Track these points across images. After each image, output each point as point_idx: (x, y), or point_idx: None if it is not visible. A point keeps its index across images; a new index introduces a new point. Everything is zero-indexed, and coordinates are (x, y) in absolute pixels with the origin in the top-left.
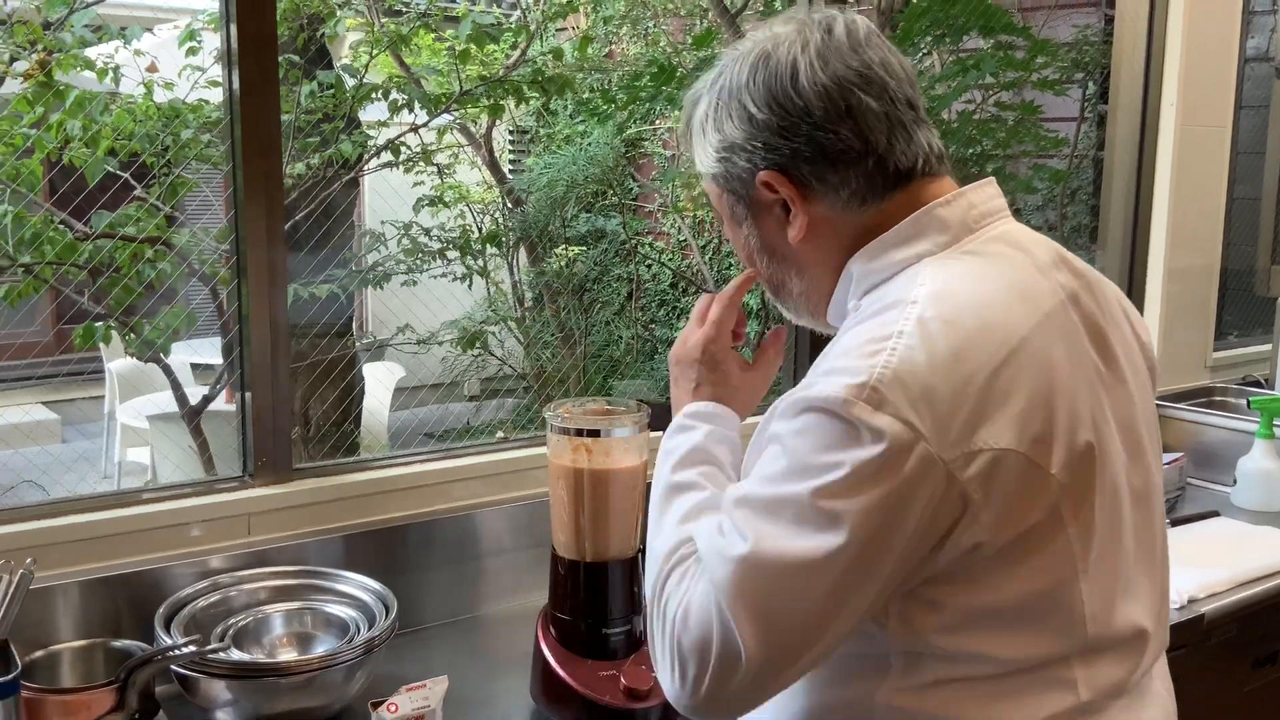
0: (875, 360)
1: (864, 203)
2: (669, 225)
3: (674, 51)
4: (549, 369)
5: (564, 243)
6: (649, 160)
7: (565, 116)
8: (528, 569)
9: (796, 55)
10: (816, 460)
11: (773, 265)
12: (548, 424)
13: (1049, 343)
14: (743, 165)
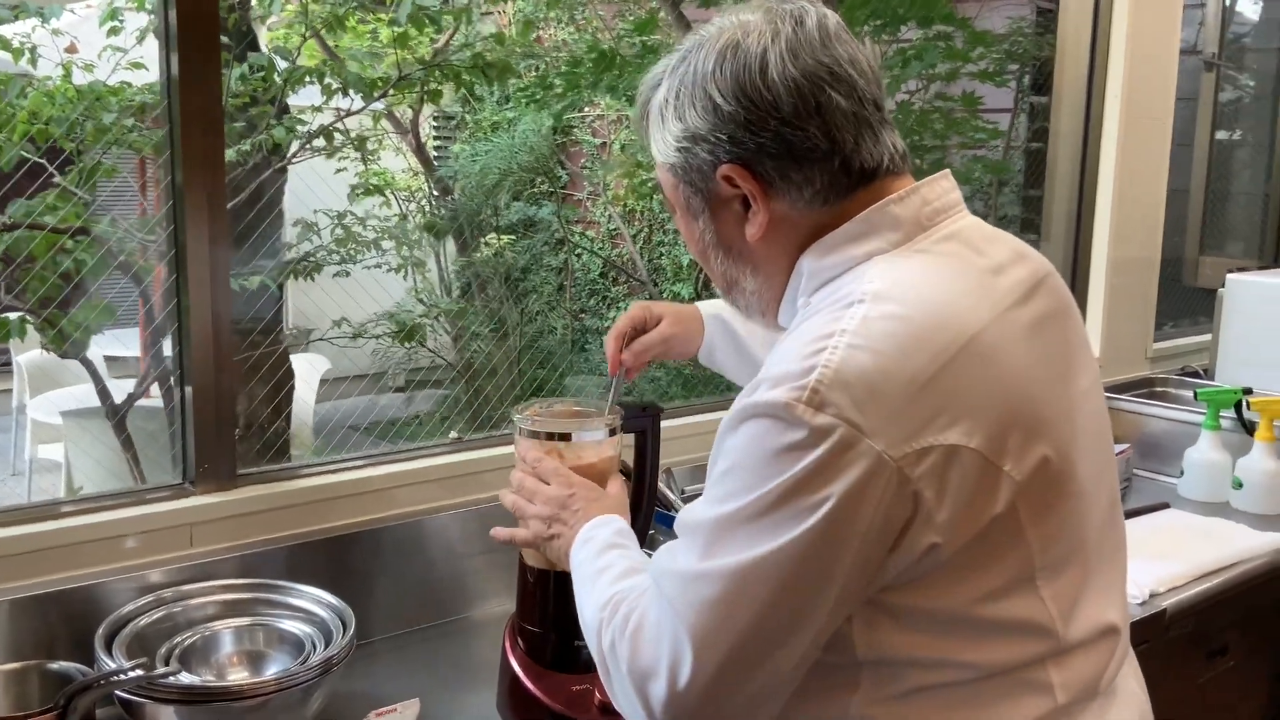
0: (817, 360)
1: (825, 202)
2: (599, 214)
3: (615, 38)
4: (479, 360)
5: (494, 232)
6: (579, 148)
7: (492, 103)
8: (484, 576)
9: (767, 46)
10: (762, 468)
11: (727, 262)
12: (515, 426)
13: (1000, 343)
14: (704, 157)
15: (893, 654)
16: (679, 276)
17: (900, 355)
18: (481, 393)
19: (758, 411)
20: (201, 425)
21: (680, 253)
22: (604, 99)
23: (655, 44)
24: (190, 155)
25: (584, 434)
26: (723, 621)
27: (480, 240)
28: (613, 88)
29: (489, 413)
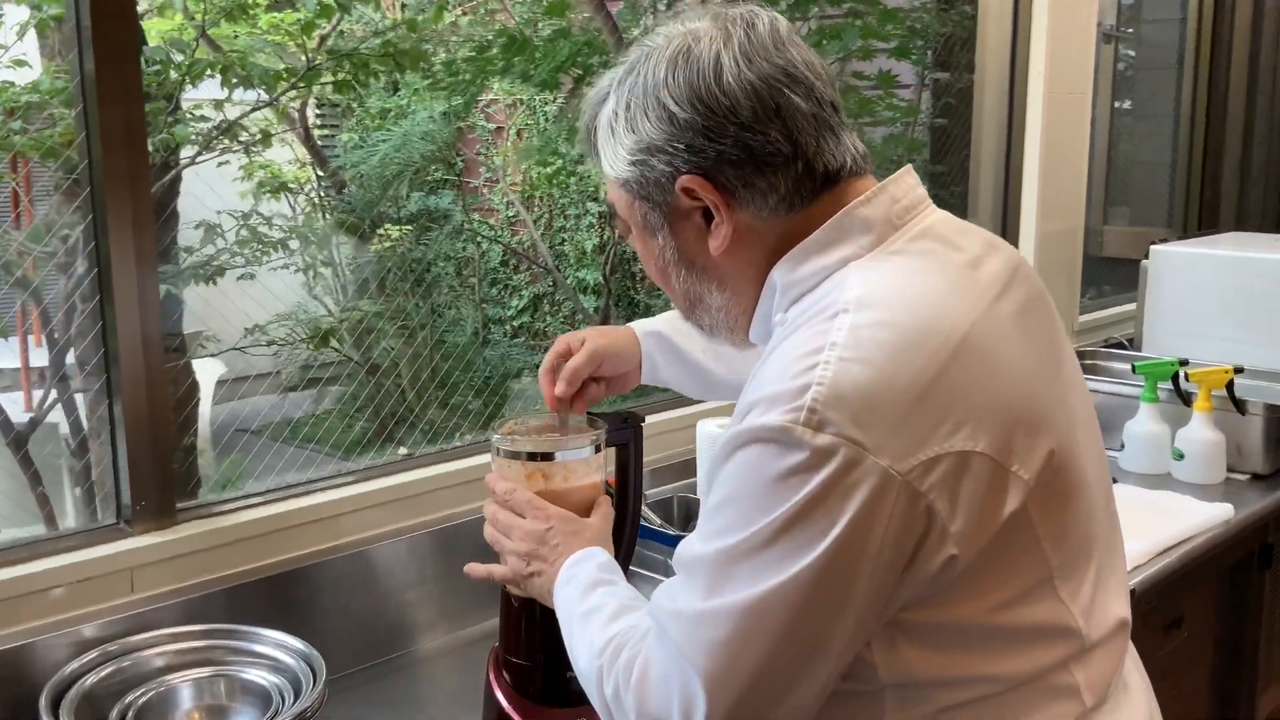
0: (809, 377)
1: (790, 209)
2: (498, 200)
3: (523, 21)
4: (385, 357)
5: (394, 223)
6: (474, 135)
7: (379, 89)
8: (446, 601)
9: (720, 50)
10: (763, 497)
11: (690, 279)
12: (493, 447)
13: (991, 339)
14: (661, 169)
15: (916, 675)
16: (583, 262)
17: (895, 364)
18: (384, 388)
19: (753, 437)
20: (136, 458)
21: (583, 237)
22: (514, 85)
23: (564, 29)
24: (113, 158)
25: (568, 453)
26: (735, 662)
27: (376, 233)
28: (525, 74)
29: (393, 408)
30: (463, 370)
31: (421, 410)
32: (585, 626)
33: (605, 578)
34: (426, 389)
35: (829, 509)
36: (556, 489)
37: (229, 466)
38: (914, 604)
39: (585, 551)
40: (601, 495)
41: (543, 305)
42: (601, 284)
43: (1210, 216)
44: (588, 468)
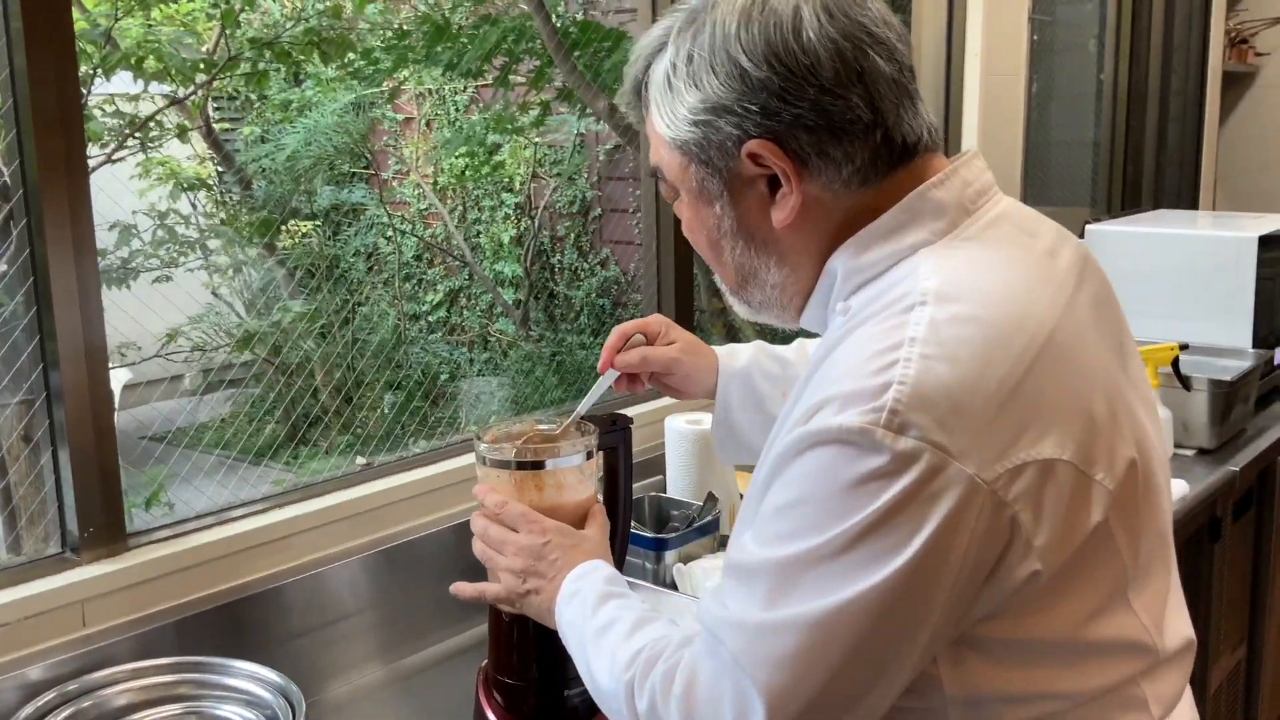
0: (889, 375)
1: (865, 182)
2: (410, 193)
3: (450, 7)
4: (298, 357)
5: (304, 219)
6: (382, 126)
7: (279, 80)
8: (411, 618)
9: (799, 3)
10: (837, 502)
11: (746, 252)
12: (479, 457)
13: (1074, 336)
14: (727, 131)
15: (984, 691)
16: (500, 255)
17: (981, 363)
18: (295, 388)
19: (827, 438)
20: (84, 481)
21: (499, 229)
22: (434, 73)
23: (488, 16)
24: (45, 150)
25: (560, 461)
26: (800, 677)
27: (285, 230)
28: (450, 63)
29: (305, 409)
30: (380, 369)
31: (335, 411)
32: (601, 642)
33: (614, 590)
34: (341, 388)
35: (910, 518)
36: (550, 500)
37: (148, 479)
38: (988, 618)
39: (586, 565)
40: (596, 504)
41: (460, 299)
42: (521, 276)
43: (1133, 195)
44: (580, 475)
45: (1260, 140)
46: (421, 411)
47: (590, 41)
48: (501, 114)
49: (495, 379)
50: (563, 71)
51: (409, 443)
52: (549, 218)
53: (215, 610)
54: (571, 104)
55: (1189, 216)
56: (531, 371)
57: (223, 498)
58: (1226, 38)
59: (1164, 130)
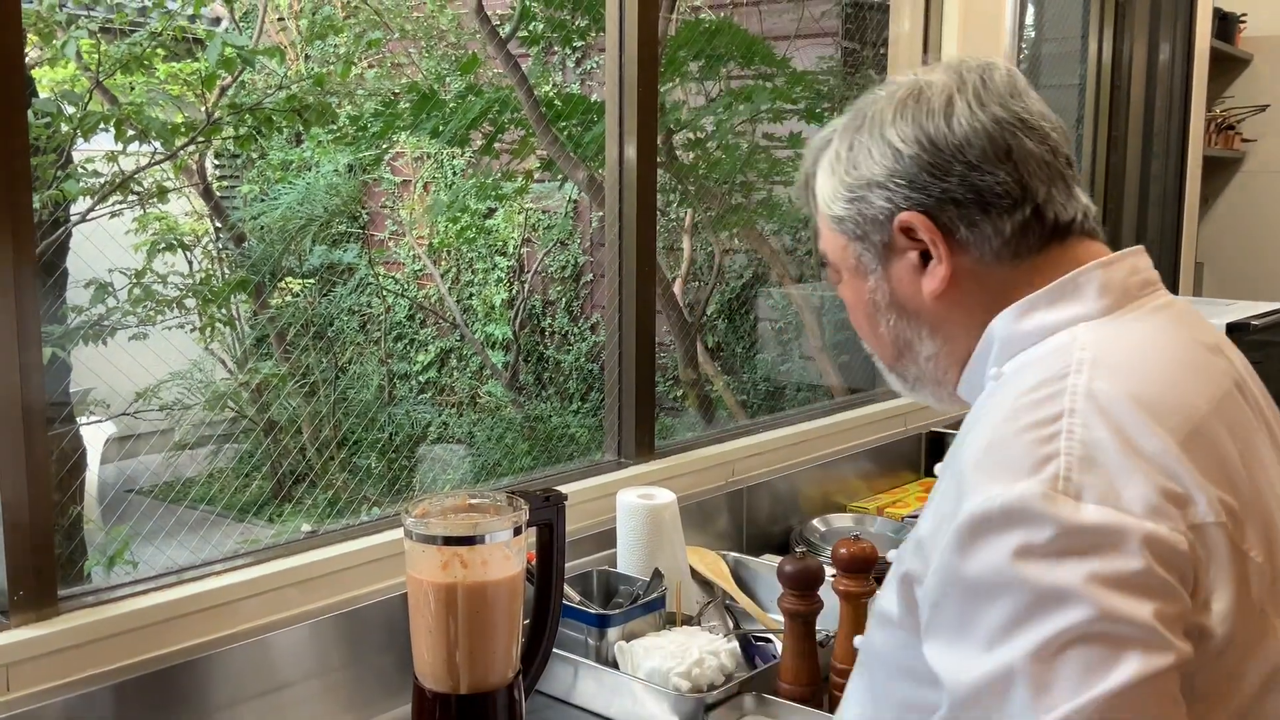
0: (1053, 446)
1: (1015, 255)
2: (404, 254)
3: (435, 77)
4: (285, 415)
5: (296, 278)
6: (380, 188)
7: (281, 140)
8: (354, 689)
9: (952, 94)
10: (1045, 584)
11: (900, 323)
12: (405, 531)
13: (1226, 426)
14: (879, 205)
15: None
16: (491, 317)
17: (1140, 432)
18: (282, 446)
19: (1008, 514)
20: (15, 542)
21: (491, 292)
22: (421, 139)
23: (472, 86)
24: None
25: (489, 536)
26: None
27: (276, 287)
28: (435, 130)
29: (294, 468)
30: (367, 427)
31: (322, 469)
32: None
33: None
34: (328, 448)
35: (1124, 585)
36: (475, 577)
37: (114, 535)
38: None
39: None
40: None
41: (450, 360)
42: (510, 339)
43: None
44: (508, 551)
45: (1246, 225)
46: (406, 471)
47: (574, 114)
48: (485, 181)
49: (458, 446)
50: (544, 142)
51: (389, 503)
52: (540, 282)
53: (152, 676)
54: (553, 174)
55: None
56: (502, 438)
57: (201, 554)
58: (1213, 124)
59: (1144, 214)
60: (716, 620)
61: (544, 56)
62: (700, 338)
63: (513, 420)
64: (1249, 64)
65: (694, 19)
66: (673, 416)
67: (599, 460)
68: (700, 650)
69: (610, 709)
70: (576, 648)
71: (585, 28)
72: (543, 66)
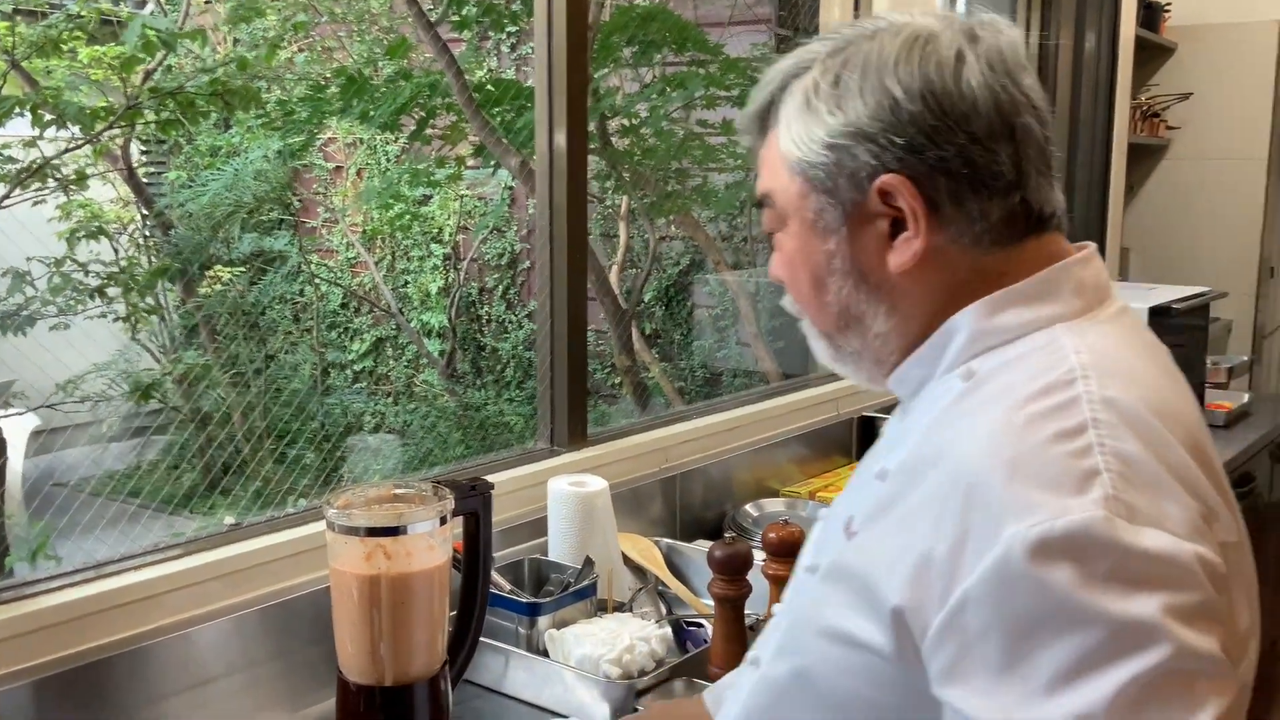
0: (1090, 461)
1: (995, 243)
2: (337, 241)
3: (365, 61)
4: (214, 405)
5: (223, 265)
6: (311, 174)
7: (209, 126)
8: (281, 682)
9: (963, 47)
10: (1123, 619)
11: (855, 294)
12: (327, 522)
13: (1205, 436)
14: (864, 161)
15: None
16: (427, 305)
17: (1161, 443)
18: (215, 438)
19: (1069, 542)
20: None
21: (427, 279)
22: (352, 125)
23: (408, 71)
24: None
25: (413, 526)
26: None
27: (206, 275)
28: (365, 115)
29: (226, 460)
30: (300, 418)
31: (254, 461)
32: None
33: None
34: (261, 438)
35: (1182, 615)
36: (399, 568)
37: (39, 530)
38: None
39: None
40: (449, 571)
41: (385, 349)
42: (447, 327)
43: None
44: (433, 541)
45: (1171, 211)
46: (339, 462)
47: (506, 99)
48: (417, 168)
49: (391, 436)
50: (476, 127)
51: (321, 494)
52: (477, 269)
53: (74, 672)
54: (486, 160)
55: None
56: (434, 427)
57: (122, 549)
58: (1138, 111)
59: (1071, 200)
60: (649, 606)
61: (478, 41)
62: (637, 325)
63: (447, 409)
64: (1173, 52)
65: (628, 4)
66: (610, 404)
67: (531, 448)
68: (631, 636)
69: (541, 698)
70: (507, 637)
71: (518, 13)
72: (477, 51)
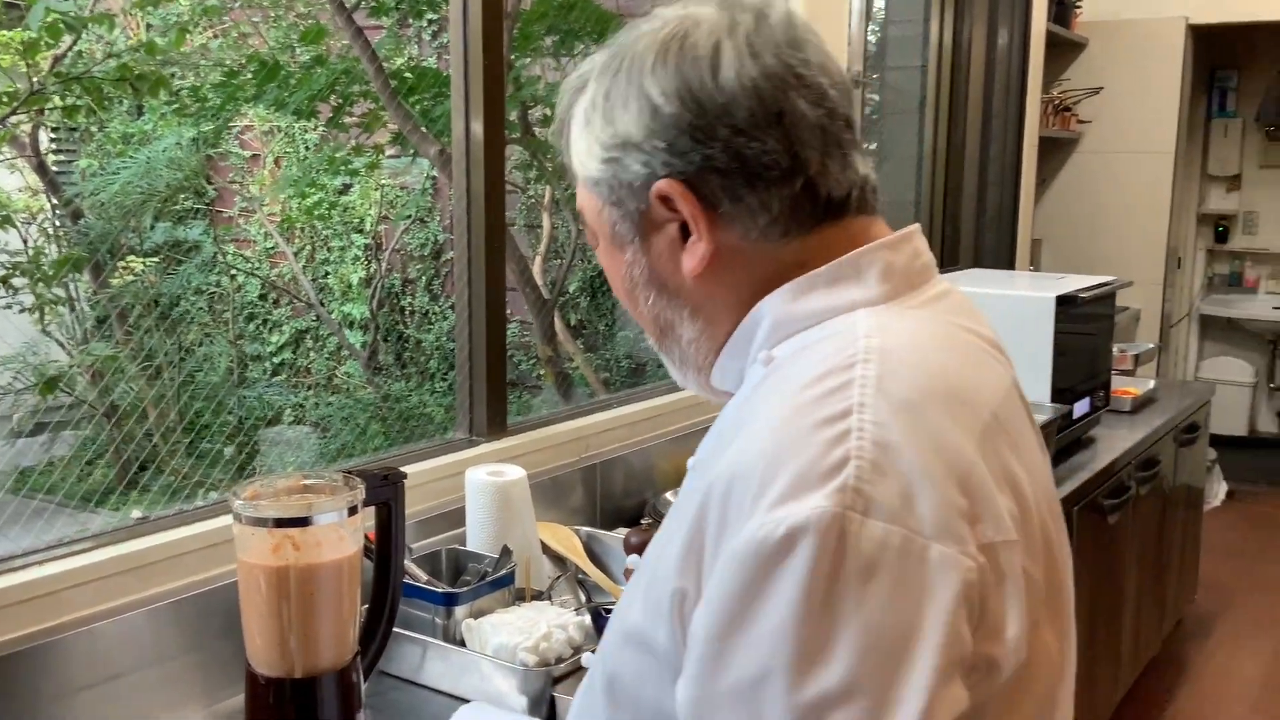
0: (843, 449)
1: (785, 234)
2: (255, 231)
3: (279, 46)
4: (128, 400)
5: (136, 255)
6: (227, 163)
7: (122, 113)
8: (193, 677)
9: (720, 39)
10: (833, 627)
11: (659, 303)
12: (234, 514)
13: (1008, 427)
14: (636, 170)
15: None
16: (348, 296)
17: (934, 433)
18: (127, 432)
19: (789, 544)
20: None
21: (348, 270)
22: (266, 112)
23: (324, 56)
24: None
25: (322, 517)
26: None
27: (118, 266)
28: (280, 101)
29: (139, 454)
30: (216, 411)
31: (169, 455)
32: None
33: None
34: (175, 433)
35: (900, 611)
36: (308, 559)
37: None
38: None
39: None
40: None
41: (305, 341)
42: (369, 318)
43: (952, 255)
44: (343, 532)
45: (1081, 203)
46: (258, 456)
47: (424, 87)
48: (334, 156)
49: (308, 428)
50: (394, 115)
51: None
52: (400, 260)
53: None
54: (405, 148)
55: (1004, 276)
56: (352, 418)
57: (22, 544)
58: (1050, 105)
59: (983, 192)
60: (568, 595)
61: (398, 29)
62: (561, 315)
63: (367, 400)
64: (1084, 48)
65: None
66: (534, 394)
67: (450, 439)
68: (548, 624)
69: (458, 687)
70: (424, 627)
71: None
72: (397, 39)
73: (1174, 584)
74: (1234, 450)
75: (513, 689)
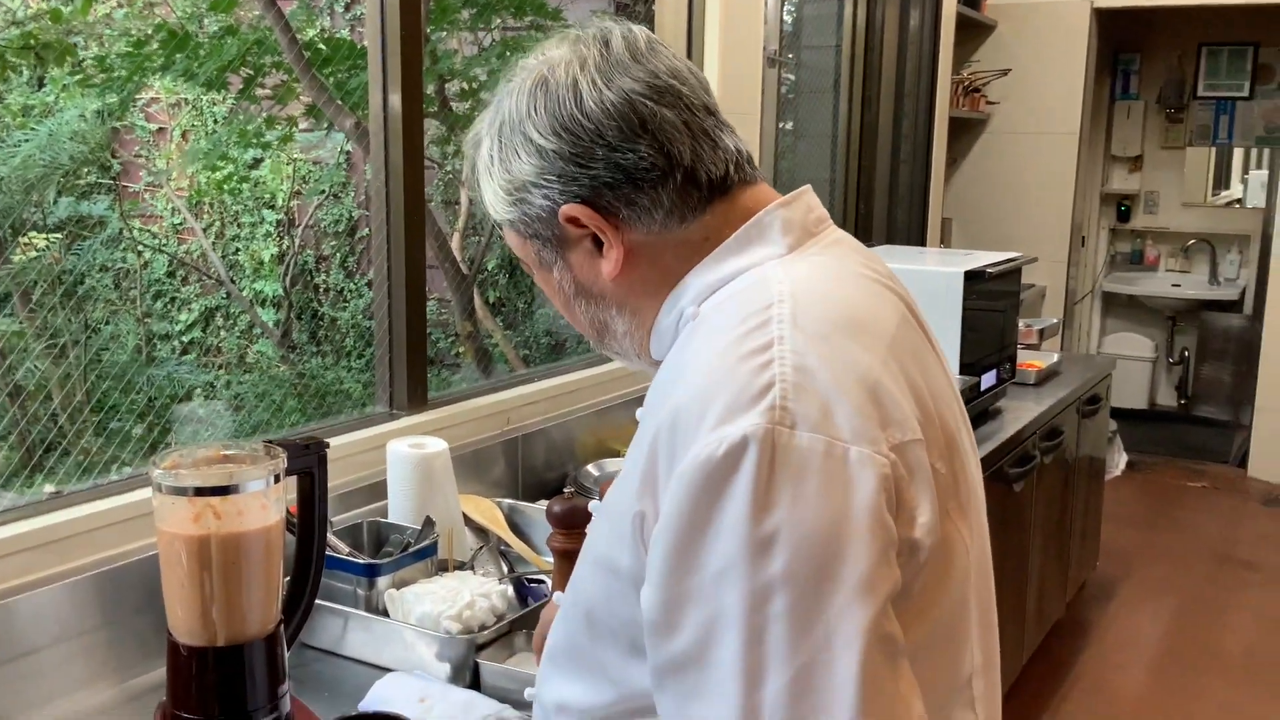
0: (768, 374)
1: (682, 220)
2: (161, 206)
3: (187, 15)
4: (32, 380)
5: (39, 231)
6: (133, 136)
7: (21, 84)
8: (109, 652)
9: (576, 75)
10: (775, 521)
11: (591, 308)
12: (154, 483)
13: (908, 347)
14: (540, 204)
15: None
16: (260, 273)
17: (844, 355)
18: (32, 413)
19: (731, 459)
20: None
21: (259, 246)
22: (175, 83)
23: (230, 27)
24: None
25: (243, 485)
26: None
27: (19, 242)
28: (189, 72)
29: (44, 435)
30: (123, 391)
31: (76, 436)
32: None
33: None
34: (81, 413)
35: (831, 509)
36: (230, 528)
37: None
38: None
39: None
40: (282, 532)
41: (216, 319)
42: (282, 296)
43: (865, 231)
44: (265, 501)
45: (990, 182)
46: (167, 435)
47: (338, 59)
48: (245, 128)
49: (221, 404)
50: (308, 87)
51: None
52: (313, 236)
53: None
54: (319, 121)
55: (914, 252)
56: (266, 394)
57: None
58: (960, 86)
59: (895, 171)
60: (491, 565)
61: (310, 0)
62: (480, 292)
63: (282, 377)
64: (994, 30)
65: None
66: (454, 372)
67: (371, 413)
68: (471, 593)
69: (381, 657)
70: (346, 599)
71: None
72: (309, 10)
73: (1077, 550)
74: (1134, 422)
75: (436, 656)
